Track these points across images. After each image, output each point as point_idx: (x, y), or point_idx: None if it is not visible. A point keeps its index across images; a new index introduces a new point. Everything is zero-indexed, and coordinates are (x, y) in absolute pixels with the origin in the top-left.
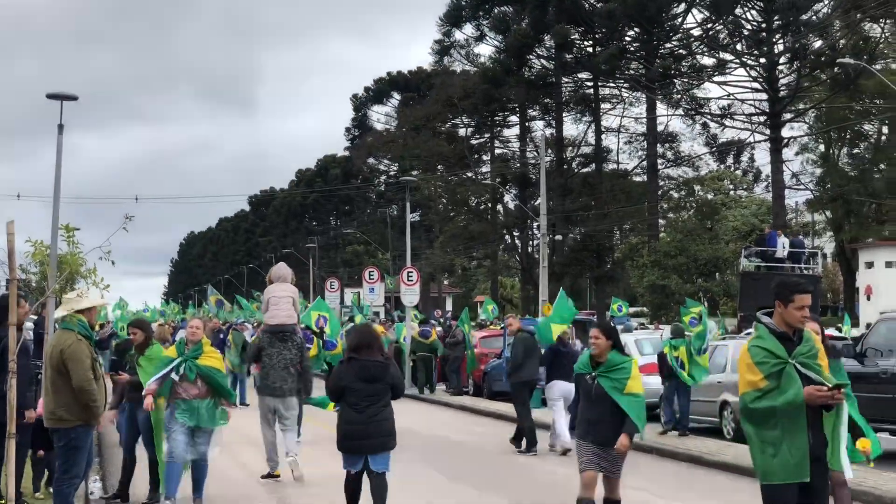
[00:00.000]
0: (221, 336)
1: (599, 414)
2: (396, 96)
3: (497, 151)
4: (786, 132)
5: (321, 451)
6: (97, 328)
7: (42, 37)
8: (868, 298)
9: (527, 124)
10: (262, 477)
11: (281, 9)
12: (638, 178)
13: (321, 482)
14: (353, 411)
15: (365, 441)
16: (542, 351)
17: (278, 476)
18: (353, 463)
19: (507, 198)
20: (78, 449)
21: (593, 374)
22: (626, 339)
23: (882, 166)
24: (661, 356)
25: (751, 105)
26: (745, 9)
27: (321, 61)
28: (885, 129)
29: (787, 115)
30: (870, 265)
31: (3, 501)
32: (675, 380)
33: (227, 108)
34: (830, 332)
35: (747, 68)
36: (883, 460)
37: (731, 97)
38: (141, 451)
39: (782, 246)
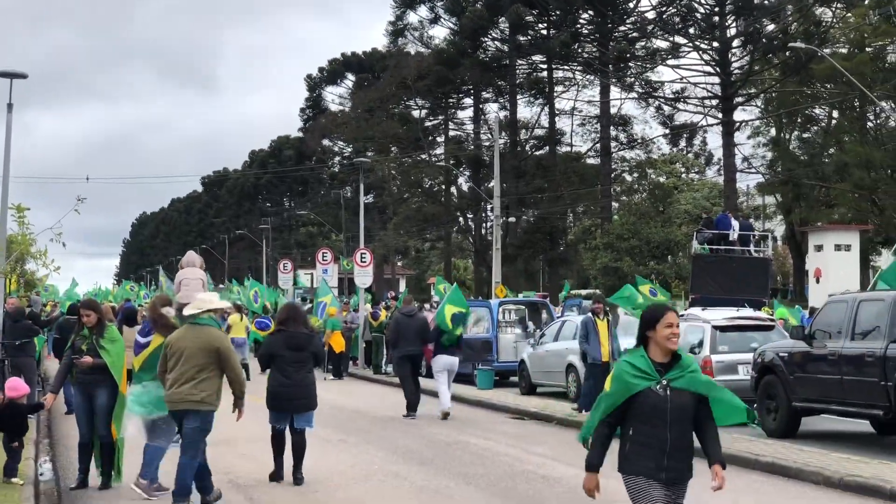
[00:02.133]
0: None
1: (677, 439)
2: (351, 77)
3: (451, 133)
4: (738, 116)
5: (250, 418)
6: (48, 308)
7: None
8: (817, 281)
9: (481, 106)
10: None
11: None
12: (591, 161)
13: (248, 444)
14: (281, 375)
15: (291, 401)
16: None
17: None
18: (279, 420)
19: (460, 180)
20: (207, 432)
21: (664, 381)
22: (575, 320)
23: (832, 150)
24: None
25: (703, 89)
26: None
27: (283, 40)
28: (835, 114)
29: (739, 99)
30: (819, 248)
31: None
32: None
33: (186, 86)
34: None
35: (700, 52)
36: (831, 440)
37: (684, 80)
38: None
39: (733, 229)
